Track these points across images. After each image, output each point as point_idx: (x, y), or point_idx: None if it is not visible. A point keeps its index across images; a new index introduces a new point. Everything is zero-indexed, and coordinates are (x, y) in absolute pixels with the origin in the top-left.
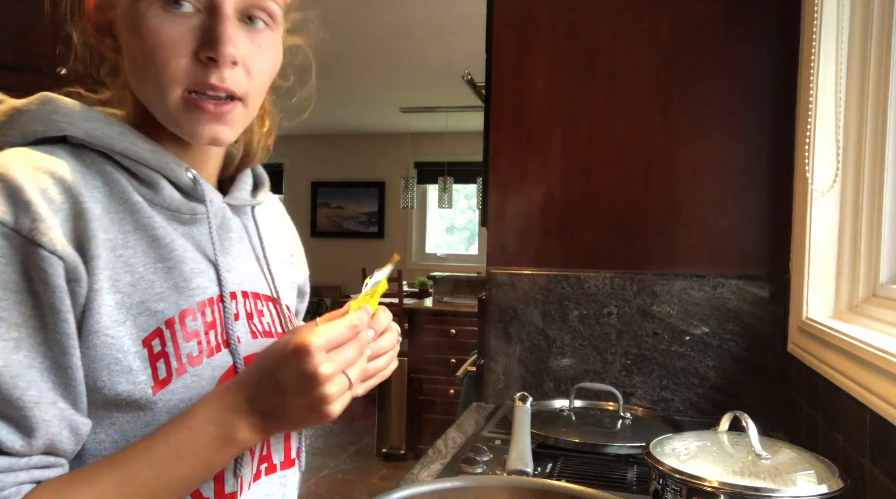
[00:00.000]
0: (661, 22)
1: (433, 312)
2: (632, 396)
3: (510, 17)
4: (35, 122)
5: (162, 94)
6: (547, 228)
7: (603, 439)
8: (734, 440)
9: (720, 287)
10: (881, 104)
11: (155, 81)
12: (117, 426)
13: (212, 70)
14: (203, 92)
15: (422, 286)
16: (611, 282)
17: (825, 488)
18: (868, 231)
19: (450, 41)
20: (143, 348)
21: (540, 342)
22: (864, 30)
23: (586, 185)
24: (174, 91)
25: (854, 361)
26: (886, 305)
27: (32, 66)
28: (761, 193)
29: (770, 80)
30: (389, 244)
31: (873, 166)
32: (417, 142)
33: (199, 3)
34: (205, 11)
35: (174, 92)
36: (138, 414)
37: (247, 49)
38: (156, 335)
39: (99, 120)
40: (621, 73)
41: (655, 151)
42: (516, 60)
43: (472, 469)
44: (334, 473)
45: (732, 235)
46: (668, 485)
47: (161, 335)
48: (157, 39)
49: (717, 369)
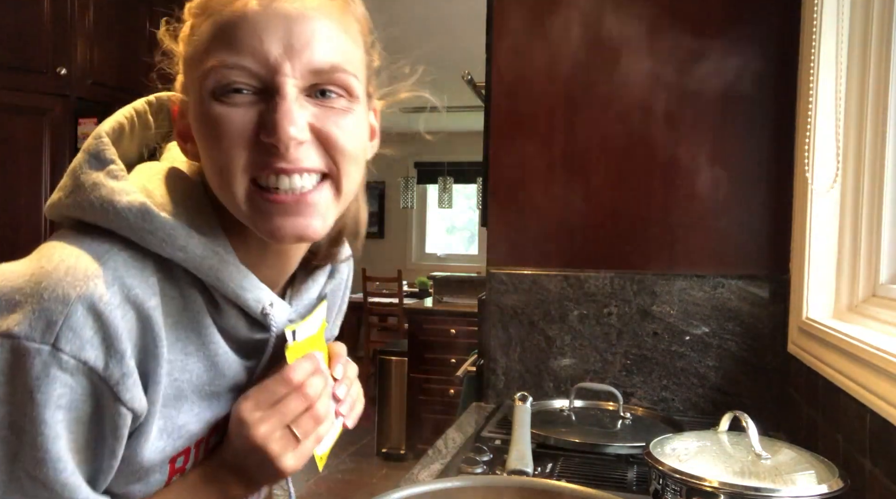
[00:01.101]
0: (662, 22)
1: (433, 312)
2: (632, 396)
3: (510, 17)
4: (129, 233)
5: (229, 192)
6: (547, 228)
7: (603, 439)
8: (734, 440)
9: (720, 287)
10: (881, 104)
11: (220, 178)
12: None
13: (276, 156)
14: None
15: (422, 286)
16: (611, 282)
17: (825, 488)
18: (868, 231)
19: (450, 41)
20: (167, 464)
21: (540, 342)
22: (864, 30)
23: (586, 185)
24: (239, 185)
25: (854, 361)
26: (886, 305)
27: (32, 67)
28: (761, 193)
29: (770, 79)
30: (390, 244)
31: (873, 166)
32: (417, 142)
33: (257, 87)
34: (265, 95)
35: (239, 186)
36: None
37: (321, 123)
38: (183, 453)
39: (194, 243)
40: (621, 72)
41: (655, 150)
42: (516, 60)
43: (472, 469)
44: (334, 473)
45: (732, 235)
46: (668, 485)
47: (187, 453)
48: (216, 131)
49: (717, 369)
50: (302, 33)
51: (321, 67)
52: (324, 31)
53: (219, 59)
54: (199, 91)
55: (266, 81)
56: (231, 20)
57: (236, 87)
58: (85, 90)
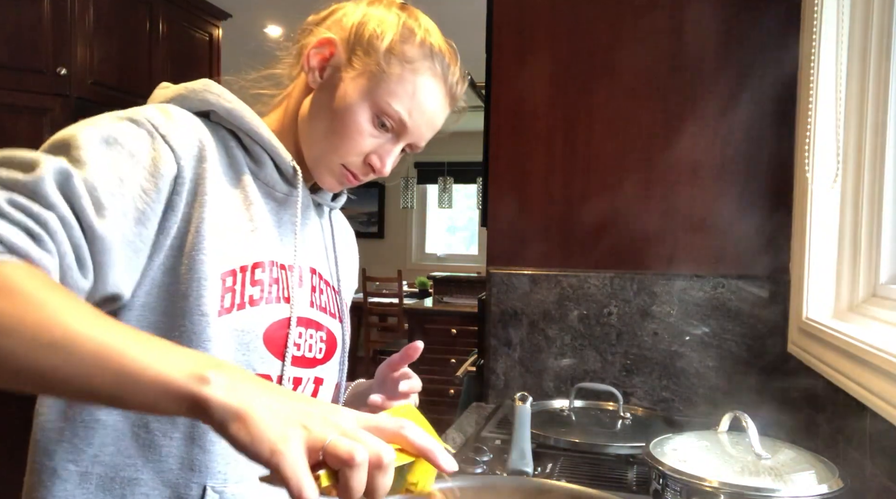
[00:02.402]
0: (661, 22)
1: (433, 312)
2: (632, 396)
3: (510, 17)
4: (193, 97)
5: (328, 158)
6: (547, 228)
7: (603, 439)
8: (734, 440)
9: (720, 287)
10: (881, 104)
11: (330, 147)
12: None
13: (367, 171)
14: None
15: (422, 286)
16: (611, 282)
17: (825, 488)
18: (868, 231)
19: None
20: (219, 280)
21: (540, 342)
22: (864, 29)
23: (586, 185)
24: (336, 163)
25: (854, 362)
26: (886, 305)
27: (32, 67)
28: (761, 192)
29: (770, 79)
30: (389, 244)
31: (873, 166)
32: None
33: (393, 129)
34: (392, 134)
35: (335, 164)
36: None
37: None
38: (230, 274)
39: (238, 103)
40: (621, 72)
41: (655, 150)
42: (516, 60)
43: (472, 469)
44: None
45: (732, 235)
46: (668, 485)
47: (234, 275)
48: (359, 132)
49: (717, 369)
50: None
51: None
52: None
53: (404, 108)
54: (366, 93)
55: (399, 135)
56: (424, 100)
57: (387, 126)
58: (85, 90)
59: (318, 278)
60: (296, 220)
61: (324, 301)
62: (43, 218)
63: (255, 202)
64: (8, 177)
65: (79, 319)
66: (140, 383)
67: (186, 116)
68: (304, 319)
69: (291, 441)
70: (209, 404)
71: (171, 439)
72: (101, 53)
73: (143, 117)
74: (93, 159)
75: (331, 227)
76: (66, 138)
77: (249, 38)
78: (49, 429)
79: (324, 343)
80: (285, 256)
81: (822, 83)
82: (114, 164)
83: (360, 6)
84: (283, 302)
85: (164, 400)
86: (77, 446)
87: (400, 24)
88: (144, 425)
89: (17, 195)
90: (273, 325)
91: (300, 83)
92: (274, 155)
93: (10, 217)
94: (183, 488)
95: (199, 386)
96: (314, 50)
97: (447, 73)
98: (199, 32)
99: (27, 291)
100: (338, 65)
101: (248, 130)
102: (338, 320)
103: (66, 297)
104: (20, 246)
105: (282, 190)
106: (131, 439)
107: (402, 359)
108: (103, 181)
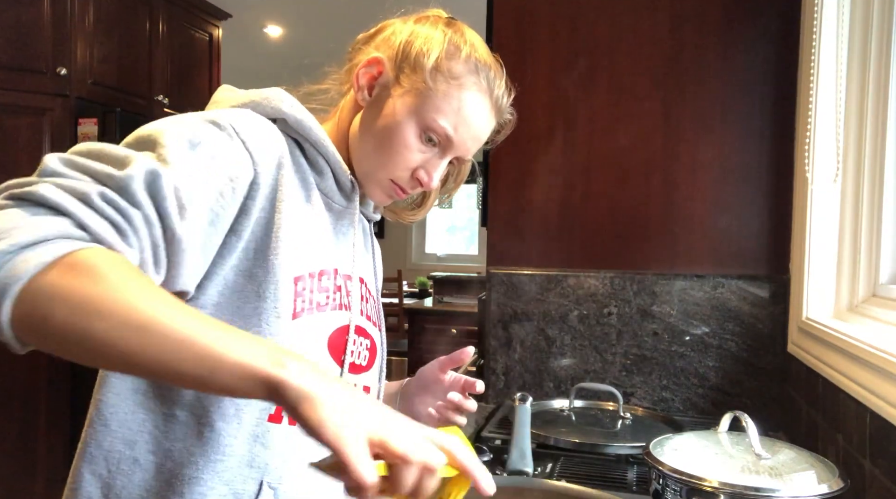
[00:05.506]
0: (661, 22)
1: (433, 312)
2: (632, 396)
3: (510, 16)
4: (266, 105)
5: (377, 174)
6: (547, 228)
7: (603, 439)
8: (734, 440)
9: (720, 287)
10: (881, 103)
11: (379, 163)
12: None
13: (415, 185)
14: (403, 187)
15: (422, 286)
16: (611, 282)
17: (825, 488)
18: (868, 231)
19: None
20: (293, 284)
21: (540, 342)
22: (864, 29)
23: (586, 185)
24: (385, 178)
25: (854, 362)
26: (886, 305)
27: (32, 67)
28: (761, 192)
29: (770, 79)
30: (390, 244)
31: (873, 166)
32: None
33: (440, 144)
34: (439, 149)
35: (384, 179)
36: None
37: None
38: (300, 279)
39: (307, 115)
40: (621, 73)
41: (655, 150)
42: (516, 60)
43: None
44: None
45: (732, 235)
46: (668, 485)
47: (304, 280)
48: (406, 148)
49: (717, 369)
50: (476, 148)
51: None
52: None
53: (450, 124)
54: (413, 110)
55: (445, 150)
56: (469, 115)
57: (433, 141)
58: (85, 90)
59: (366, 288)
60: (352, 231)
61: (369, 310)
62: (129, 214)
63: (319, 212)
64: (102, 171)
65: (164, 305)
66: (223, 365)
67: (266, 124)
68: (357, 328)
69: (356, 428)
70: (286, 386)
71: (236, 438)
72: (100, 53)
73: (226, 122)
74: (178, 160)
75: (371, 237)
76: (152, 136)
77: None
78: (129, 420)
79: (368, 351)
80: (345, 265)
81: (822, 83)
82: (197, 166)
83: (407, 24)
84: (345, 310)
85: (245, 382)
86: (157, 438)
87: (446, 41)
88: (210, 424)
89: (109, 190)
90: (336, 331)
91: (350, 100)
92: (336, 168)
93: (100, 210)
94: (240, 484)
95: (278, 370)
96: (363, 69)
97: (492, 86)
98: (199, 32)
99: (116, 277)
100: (386, 83)
101: (314, 142)
102: (378, 329)
103: (151, 284)
104: (106, 238)
105: (339, 202)
106: (196, 437)
107: (451, 361)
108: (186, 183)
